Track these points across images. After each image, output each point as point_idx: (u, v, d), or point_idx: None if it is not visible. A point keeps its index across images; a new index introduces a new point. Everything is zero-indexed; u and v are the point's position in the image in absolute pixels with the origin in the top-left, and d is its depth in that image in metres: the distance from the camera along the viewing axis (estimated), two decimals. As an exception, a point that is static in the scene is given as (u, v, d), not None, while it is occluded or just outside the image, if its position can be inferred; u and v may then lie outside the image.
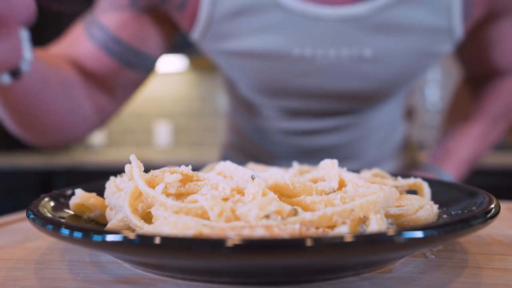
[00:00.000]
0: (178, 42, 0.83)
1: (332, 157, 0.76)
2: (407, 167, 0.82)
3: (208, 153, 2.13)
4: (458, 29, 0.60)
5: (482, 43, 0.69)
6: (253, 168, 0.44)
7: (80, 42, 0.62)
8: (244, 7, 0.57)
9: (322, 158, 0.75)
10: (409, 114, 0.82)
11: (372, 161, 0.77)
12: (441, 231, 0.23)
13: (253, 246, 0.21)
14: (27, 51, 0.47)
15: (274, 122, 0.73)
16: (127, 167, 0.31)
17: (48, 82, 0.54)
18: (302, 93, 0.65)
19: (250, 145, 0.81)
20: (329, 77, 0.61)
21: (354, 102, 0.66)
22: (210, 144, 2.42)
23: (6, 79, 0.47)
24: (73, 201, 0.34)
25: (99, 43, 0.61)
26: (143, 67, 0.65)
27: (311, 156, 0.74)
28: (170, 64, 2.25)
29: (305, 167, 0.43)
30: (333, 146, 0.73)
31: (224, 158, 0.88)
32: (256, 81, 0.65)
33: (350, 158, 0.75)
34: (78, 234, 0.23)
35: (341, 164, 0.72)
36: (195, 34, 0.62)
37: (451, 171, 0.74)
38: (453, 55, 0.79)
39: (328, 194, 0.31)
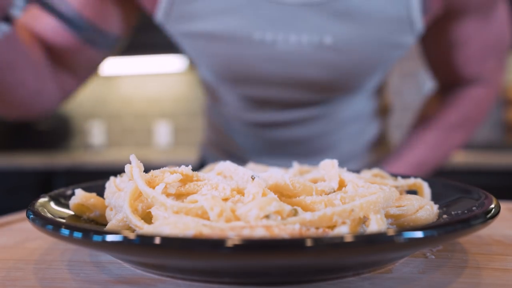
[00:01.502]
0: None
1: (303, 150, 0.74)
2: (379, 163, 0.83)
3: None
4: (418, 22, 0.60)
5: (446, 45, 0.69)
6: (253, 168, 0.44)
7: (41, 17, 0.63)
8: None
9: (293, 152, 0.75)
10: (385, 111, 0.82)
11: (346, 155, 0.76)
12: (441, 231, 0.23)
13: (253, 246, 0.21)
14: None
15: (241, 113, 0.73)
16: (127, 167, 0.31)
17: (17, 62, 0.56)
18: (265, 80, 0.64)
19: (224, 139, 0.81)
20: (291, 64, 0.61)
21: (319, 92, 0.66)
22: (210, 144, 2.41)
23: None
24: (73, 201, 0.34)
25: (61, 19, 0.62)
26: (105, 46, 0.67)
27: (282, 150, 0.74)
28: (170, 64, 2.25)
29: (305, 167, 0.43)
30: (303, 138, 0.73)
31: (202, 155, 0.88)
32: (218, 66, 0.64)
33: (323, 151, 0.75)
34: (78, 234, 0.23)
35: (314, 157, 0.74)
36: (159, 15, 0.62)
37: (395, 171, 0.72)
38: (425, 63, 0.78)
39: (328, 194, 0.31)
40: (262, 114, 0.71)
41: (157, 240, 0.21)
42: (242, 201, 0.28)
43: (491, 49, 0.70)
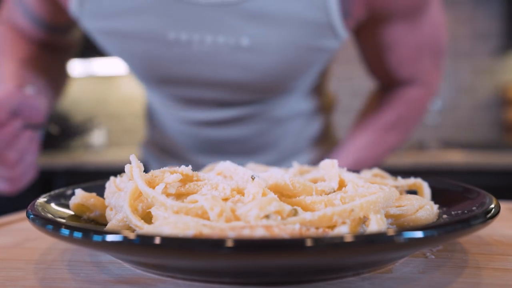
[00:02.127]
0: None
1: (242, 149, 0.73)
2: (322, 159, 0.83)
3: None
4: (339, 27, 0.60)
5: (377, 48, 0.69)
6: (253, 168, 0.44)
7: (17, 19, 0.69)
8: None
9: (232, 150, 0.76)
10: (328, 108, 0.83)
11: (289, 152, 0.76)
12: (441, 231, 0.23)
13: (253, 246, 0.21)
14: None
15: (174, 111, 0.72)
16: (127, 167, 0.31)
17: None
18: (185, 81, 0.64)
19: (163, 138, 0.80)
20: (207, 65, 0.61)
21: (245, 93, 0.65)
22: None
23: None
24: (73, 201, 0.34)
25: (29, 20, 0.68)
26: (68, 33, 0.73)
27: (220, 148, 0.73)
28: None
29: (305, 167, 0.43)
30: (241, 137, 0.72)
31: (143, 155, 0.87)
32: (138, 66, 0.64)
33: (262, 149, 0.74)
34: (78, 234, 0.23)
35: (254, 155, 0.75)
36: (72, 7, 0.61)
37: None
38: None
39: (328, 194, 0.31)
40: (196, 113, 0.70)
41: (157, 240, 0.21)
42: (242, 201, 0.28)
43: (424, 51, 0.70)
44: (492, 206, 0.28)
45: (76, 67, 2.32)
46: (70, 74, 0.79)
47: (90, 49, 1.07)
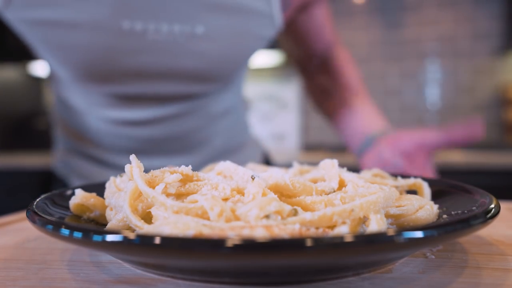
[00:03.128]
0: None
1: (177, 147, 0.73)
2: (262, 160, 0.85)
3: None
4: (278, 17, 0.64)
5: (300, 35, 0.78)
6: (253, 168, 0.44)
7: None
8: None
9: (166, 149, 0.73)
10: (246, 107, 0.86)
11: (220, 151, 0.77)
12: (441, 231, 0.23)
13: (253, 246, 0.21)
14: None
15: (105, 111, 0.66)
16: (127, 167, 0.31)
17: None
18: (136, 73, 0.60)
19: (82, 143, 0.74)
20: (163, 55, 0.59)
21: (194, 83, 0.65)
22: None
23: None
24: (73, 201, 0.34)
25: None
26: None
27: (154, 147, 0.70)
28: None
29: (305, 167, 0.43)
30: (176, 135, 0.71)
31: (59, 169, 0.80)
32: (80, 60, 0.57)
33: (196, 147, 0.74)
34: (78, 234, 0.23)
35: (187, 154, 0.74)
36: None
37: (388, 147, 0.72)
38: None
39: (328, 194, 0.31)
40: (131, 112, 0.66)
41: (157, 240, 0.21)
42: (242, 201, 0.28)
43: (327, 22, 0.80)
44: (492, 206, 0.28)
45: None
46: None
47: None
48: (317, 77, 0.85)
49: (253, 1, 0.61)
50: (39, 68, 2.35)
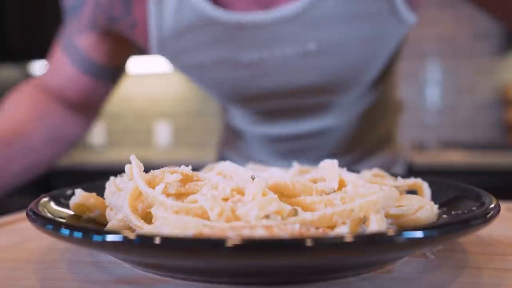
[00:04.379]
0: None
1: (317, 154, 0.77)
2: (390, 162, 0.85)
3: (208, 153, 2.13)
4: (403, 11, 0.59)
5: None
6: (253, 168, 0.44)
7: (63, 68, 0.69)
8: (187, 26, 0.59)
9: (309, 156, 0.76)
10: (394, 110, 0.85)
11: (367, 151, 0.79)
12: (441, 231, 0.23)
13: (253, 246, 0.21)
14: None
15: (254, 127, 0.76)
16: (127, 167, 0.31)
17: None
18: (263, 95, 0.67)
19: (240, 144, 0.84)
20: (279, 75, 0.63)
21: (318, 95, 0.67)
22: (210, 144, 2.42)
23: None
24: (73, 201, 0.34)
25: (79, 66, 0.68)
26: (114, 79, 0.74)
27: (299, 155, 0.77)
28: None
29: (305, 167, 0.43)
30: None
31: (220, 155, 0.91)
32: (221, 90, 0.68)
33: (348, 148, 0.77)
34: (78, 234, 0.23)
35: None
36: (153, 52, 0.64)
37: None
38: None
39: (328, 194, 0.31)
40: (275, 127, 0.74)
41: (157, 240, 0.21)
42: (242, 201, 0.28)
43: None
44: (492, 206, 0.28)
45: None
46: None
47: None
48: None
49: (369, 3, 0.57)
50: (39, 68, 2.36)
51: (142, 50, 0.70)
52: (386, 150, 0.83)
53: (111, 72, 0.71)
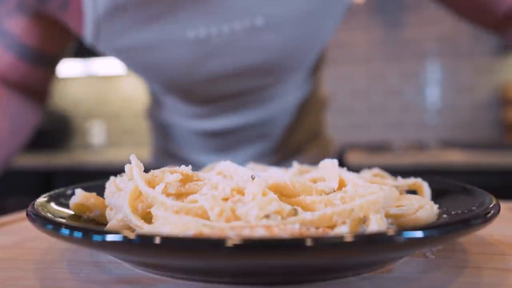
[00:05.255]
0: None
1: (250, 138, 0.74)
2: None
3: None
4: None
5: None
6: (253, 168, 0.44)
7: (0, 55, 0.65)
8: (124, 2, 0.55)
9: (243, 142, 0.73)
10: (320, 104, 0.84)
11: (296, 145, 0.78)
12: (441, 231, 0.23)
13: (253, 246, 0.21)
14: None
15: (190, 121, 0.72)
16: (127, 167, 0.31)
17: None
18: (205, 79, 0.63)
19: (172, 145, 0.79)
20: (226, 56, 0.60)
21: (254, 79, 0.65)
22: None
23: None
24: (73, 201, 0.34)
25: (14, 52, 0.64)
26: (55, 65, 0.70)
27: (235, 148, 0.74)
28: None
29: (305, 167, 0.43)
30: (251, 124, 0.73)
31: (154, 164, 0.85)
32: (160, 78, 0.63)
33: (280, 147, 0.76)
34: (78, 234, 0.23)
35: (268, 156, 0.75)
36: (88, 34, 0.59)
37: None
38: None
39: (328, 194, 0.31)
40: (209, 121, 0.70)
41: (157, 240, 0.21)
42: (242, 201, 0.28)
43: None
44: (492, 206, 0.28)
45: (76, 67, 2.32)
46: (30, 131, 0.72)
47: (89, 49, 1.08)
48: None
49: None
50: None
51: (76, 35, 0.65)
52: (315, 146, 0.82)
53: (49, 59, 0.67)
